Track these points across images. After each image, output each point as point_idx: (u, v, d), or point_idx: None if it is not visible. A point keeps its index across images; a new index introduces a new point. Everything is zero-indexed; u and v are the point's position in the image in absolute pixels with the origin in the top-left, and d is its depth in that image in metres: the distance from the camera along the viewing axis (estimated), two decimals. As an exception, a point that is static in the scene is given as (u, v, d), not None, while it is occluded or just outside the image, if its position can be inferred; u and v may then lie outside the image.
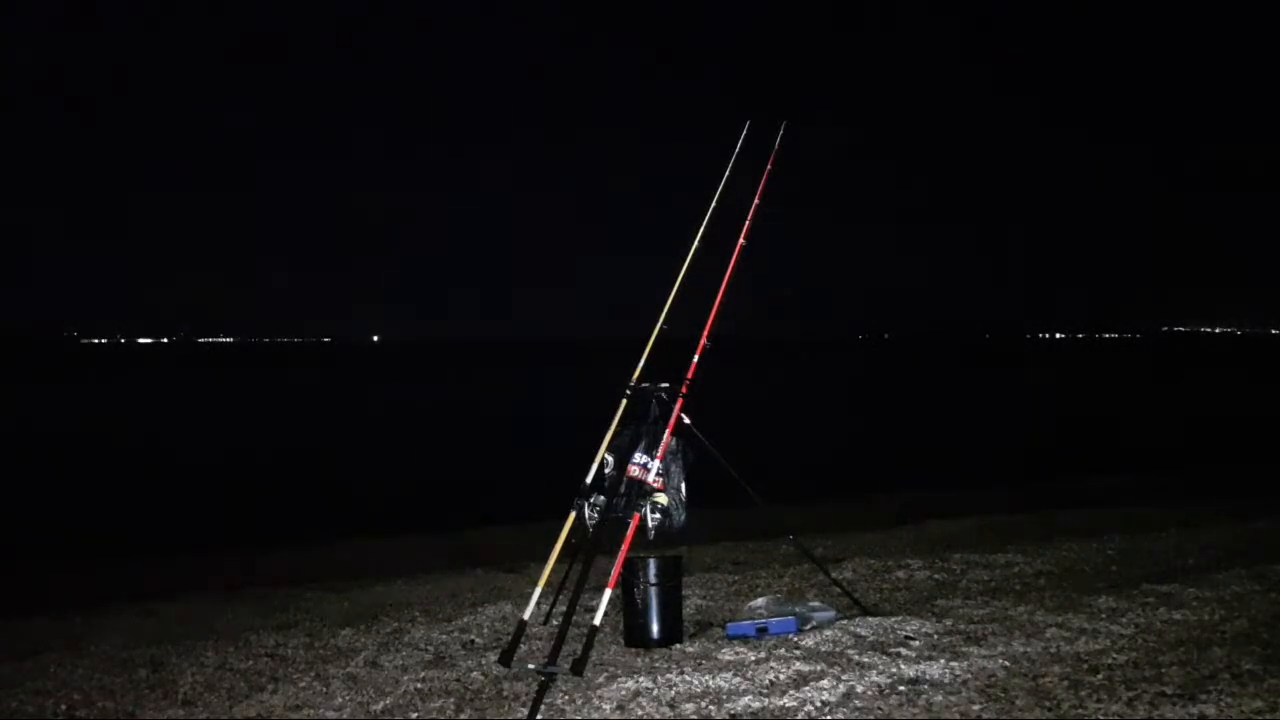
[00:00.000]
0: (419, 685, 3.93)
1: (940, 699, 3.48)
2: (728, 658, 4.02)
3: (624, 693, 3.64)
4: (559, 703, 3.60)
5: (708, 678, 3.75)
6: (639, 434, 4.16)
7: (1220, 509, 8.54)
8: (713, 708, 3.48)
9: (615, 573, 3.89)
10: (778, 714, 3.42)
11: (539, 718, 3.45)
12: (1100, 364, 75.94)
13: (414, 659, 4.36)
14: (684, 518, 4.13)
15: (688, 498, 4.17)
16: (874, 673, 3.74)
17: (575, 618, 3.89)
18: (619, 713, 3.50)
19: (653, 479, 4.04)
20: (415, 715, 3.64)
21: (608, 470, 4.18)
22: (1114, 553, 6.39)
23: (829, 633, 4.30)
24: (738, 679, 3.73)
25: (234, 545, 10.33)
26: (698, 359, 4.23)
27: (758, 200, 4.58)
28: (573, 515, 4.19)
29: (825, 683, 3.65)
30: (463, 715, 3.61)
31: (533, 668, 3.91)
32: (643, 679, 3.76)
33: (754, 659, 3.97)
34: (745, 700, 3.53)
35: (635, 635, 4.35)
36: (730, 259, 4.43)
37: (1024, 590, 5.32)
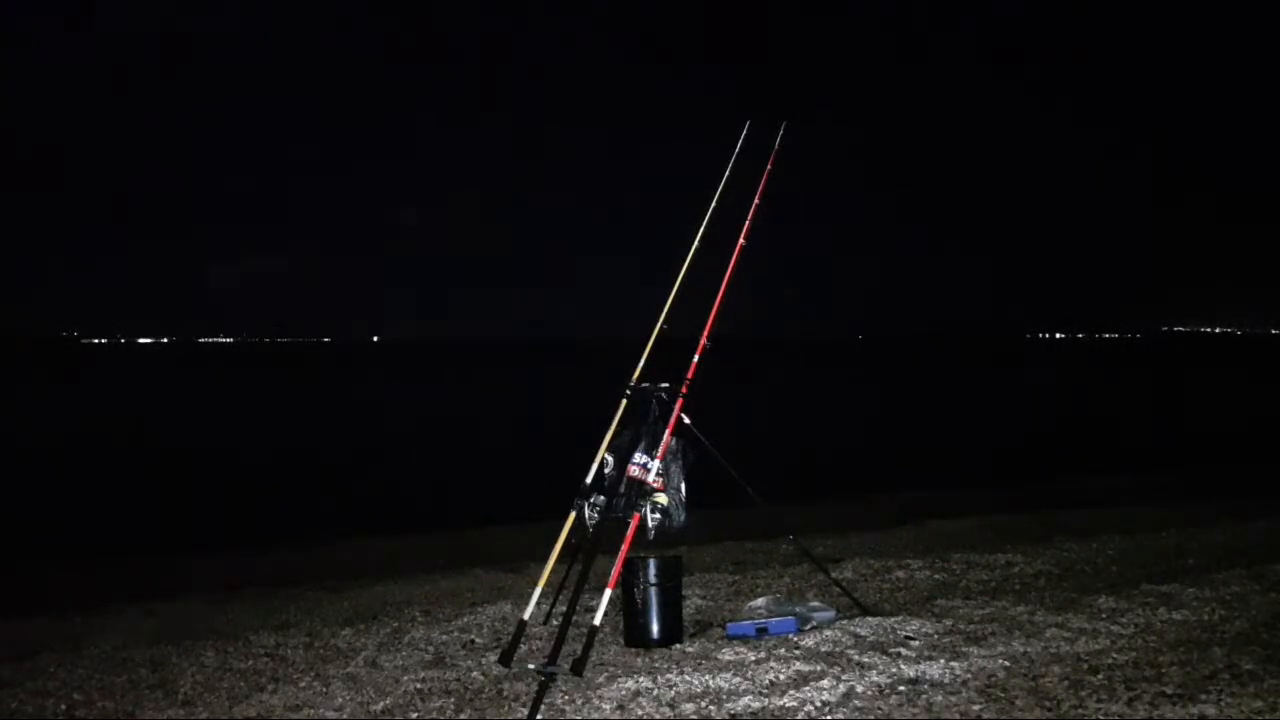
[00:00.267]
0: (419, 685, 3.93)
1: (940, 699, 3.48)
2: (728, 658, 4.02)
3: (624, 693, 3.64)
4: (559, 703, 3.60)
5: (708, 678, 3.75)
6: (639, 434, 4.16)
7: (1220, 509, 8.54)
8: (713, 708, 3.48)
9: (615, 573, 3.89)
10: (778, 714, 3.42)
11: (539, 718, 3.45)
12: (1100, 364, 75.91)
13: (414, 659, 4.36)
14: (684, 518, 4.13)
15: (688, 498, 4.17)
16: (874, 673, 3.75)
17: (575, 618, 3.90)
18: (619, 713, 3.50)
19: (653, 479, 4.04)
20: (415, 715, 3.64)
21: (608, 470, 4.18)
22: (1114, 553, 6.39)
23: (829, 633, 4.30)
24: (738, 679, 3.73)
25: (234, 545, 10.34)
26: (698, 359, 4.23)
27: (758, 200, 4.58)
28: (573, 515, 4.20)
29: (825, 683, 3.65)
30: (463, 715, 3.61)
31: (533, 668, 3.91)
32: (643, 679, 3.76)
33: (754, 659, 3.97)
34: (745, 700, 3.53)
35: (635, 635, 4.35)
36: (730, 259, 4.44)
37: (1024, 590, 5.33)
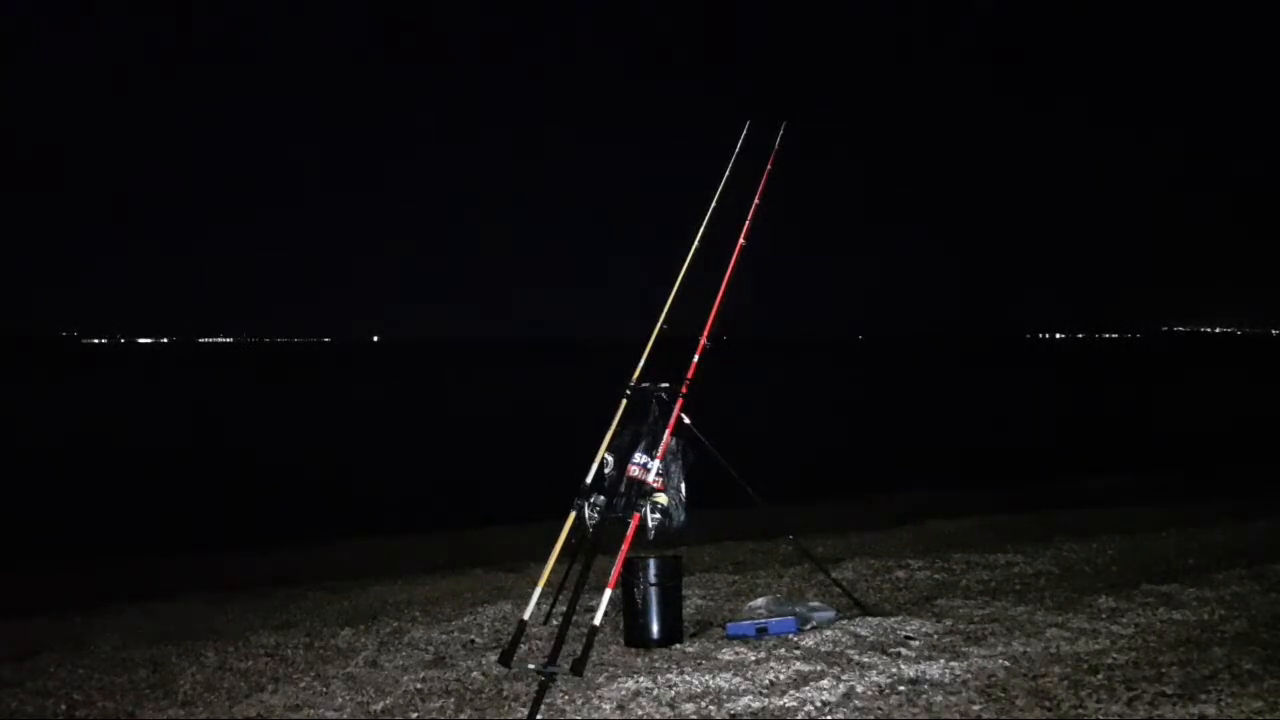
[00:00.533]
0: (419, 685, 3.93)
1: (940, 699, 3.48)
2: (728, 658, 4.02)
3: (624, 693, 3.64)
4: (559, 703, 3.60)
5: (708, 678, 3.75)
6: (639, 434, 4.16)
7: (1220, 509, 8.55)
8: (713, 708, 3.48)
9: (615, 573, 3.89)
10: (778, 714, 3.42)
11: (539, 718, 3.45)
12: (1100, 364, 75.91)
13: (414, 659, 4.36)
14: (684, 518, 4.13)
15: (688, 498, 4.17)
16: (874, 673, 3.75)
17: (575, 618, 3.90)
18: (619, 713, 3.50)
19: (653, 479, 4.04)
20: (415, 715, 3.64)
21: (608, 470, 4.17)
22: (1114, 553, 6.39)
23: (829, 633, 4.30)
24: (738, 679, 3.73)
25: (234, 545, 10.34)
26: (698, 359, 4.23)
27: (758, 200, 4.58)
28: (573, 515, 4.19)
29: (825, 683, 3.65)
30: (463, 715, 3.61)
31: (533, 668, 3.91)
32: (643, 679, 3.76)
33: (754, 659, 3.97)
34: (745, 700, 3.53)
35: (635, 635, 4.35)
36: (730, 259, 4.44)
37: (1024, 590, 5.33)
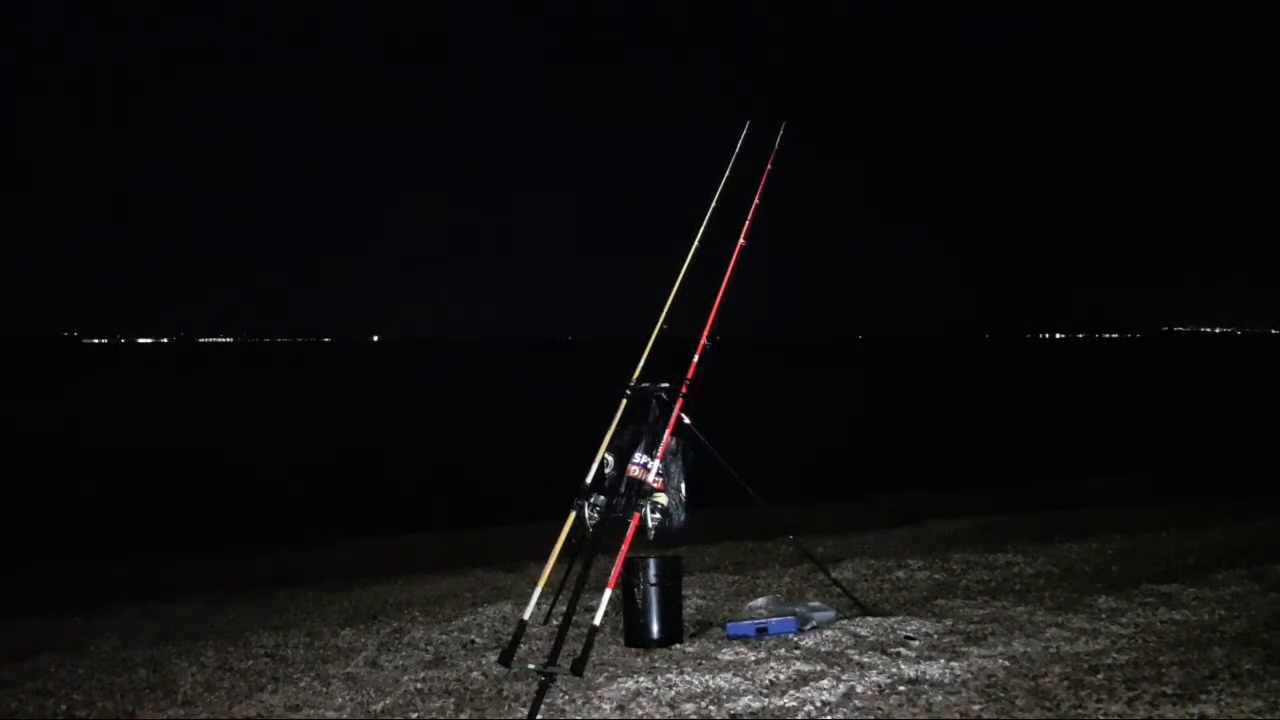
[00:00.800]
0: (419, 685, 3.93)
1: (940, 699, 3.48)
2: (728, 658, 4.02)
3: (624, 693, 3.64)
4: (559, 703, 3.60)
5: (708, 678, 3.75)
6: (639, 434, 4.16)
7: (1220, 509, 8.54)
8: (713, 708, 3.48)
9: (615, 573, 3.89)
10: (778, 714, 3.42)
11: (539, 718, 3.45)
12: (1100, 364, 75.91)
13: (414, 659, 4.36)
14: (684, 518, 4.13)
15: (688, 498, 4.17)
16: (874, 673, 3.75)
17: (575, 618, 3.89)
18: (619, 713, 3.50)
19: (653, 479, 4.03)
20: (415, 715, 3.64)
21: (608, 470, 4.17)
22: (1114, 553, 6.39)
23: (829, 633, 4.30)
24: (738, 679, 3.73)
25: (234, 545, 10.34)
26: (698, 359, 4.23)
27: (758, 200, 4.58)
28: (573, 515, 4.19)
29: (825, 683, 3.65)
30: (463, 715, 3.61)
31: (533, 668, 3.91)
32: (643, 679, 3.76)
33: (754, 659, 3.97)
34: (745, 700, 3.53)
35: (635, 635, 4.35)
36: (730, 259, 4.44)
37: (1024, 590, 5.33)
